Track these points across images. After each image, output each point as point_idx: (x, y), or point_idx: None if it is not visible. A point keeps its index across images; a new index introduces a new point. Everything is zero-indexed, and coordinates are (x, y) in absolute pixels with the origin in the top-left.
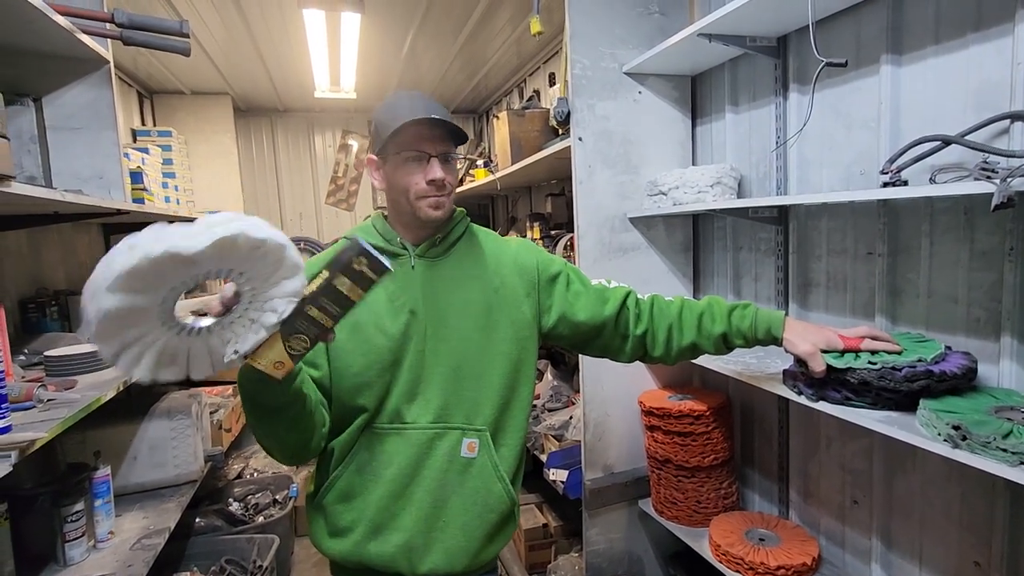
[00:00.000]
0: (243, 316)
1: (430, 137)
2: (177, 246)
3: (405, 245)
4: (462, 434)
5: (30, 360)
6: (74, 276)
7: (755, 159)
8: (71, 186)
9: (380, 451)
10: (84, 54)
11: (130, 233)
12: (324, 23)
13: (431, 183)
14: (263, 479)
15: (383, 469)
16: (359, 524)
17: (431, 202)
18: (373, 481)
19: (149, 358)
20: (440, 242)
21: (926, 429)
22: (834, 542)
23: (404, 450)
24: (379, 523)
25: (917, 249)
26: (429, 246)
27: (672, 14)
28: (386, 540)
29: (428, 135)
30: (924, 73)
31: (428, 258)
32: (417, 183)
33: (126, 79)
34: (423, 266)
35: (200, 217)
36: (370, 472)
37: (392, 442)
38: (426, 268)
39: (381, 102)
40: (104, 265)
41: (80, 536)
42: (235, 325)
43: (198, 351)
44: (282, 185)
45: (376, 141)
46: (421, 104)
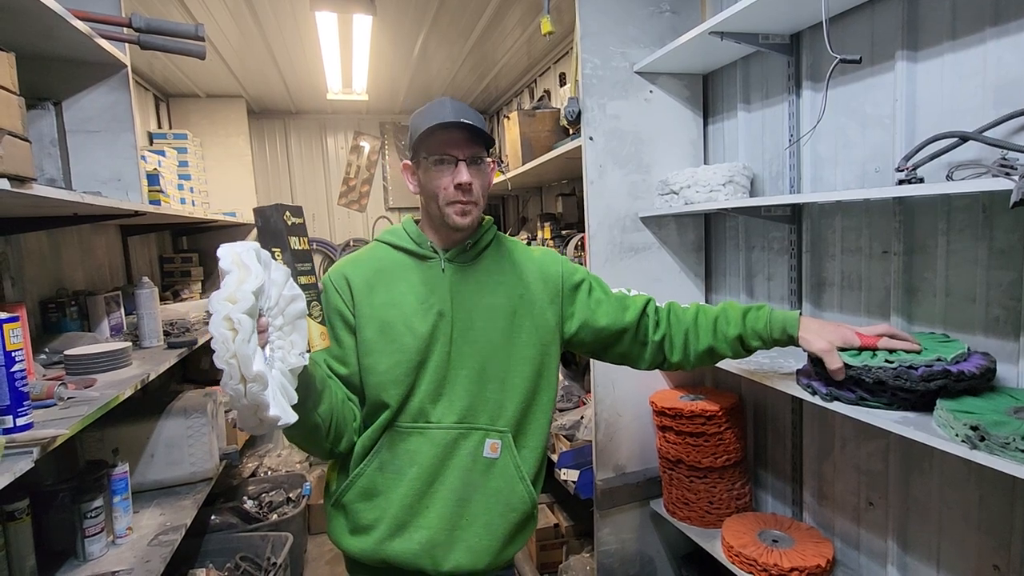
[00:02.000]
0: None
1: (457, 141)
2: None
3: (436, 249)
4: (485, 435)
5: (50, 359)
6: (93, 276)
7: (768, 157)
8: (90, 188)
9: (403, 450)
10: (102, 58)
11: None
12: (336, 25)
13: (458, 187)
14: (277, 477)
15: (406, 468)
16: (381, 522)
17: (458, 209)
18: (395, 479)
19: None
20: (470, 248)
21: (943, 430)
22: (849, 544)
23: (427, 449)
24: (402, 521)
25: (934, 247)
26: (459, 251)
27: (683, 12)
28: (409, 538)
29: (455, 139)
30: (940, 69)
31: (457, 263)
32: (445, 187)
33: (143, 83)
34: (452, 270)
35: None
36: (392, 470)
37: (415, 441)
38: (455, 272)
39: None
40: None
41: (99, 532)
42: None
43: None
44: (295, 186)
45: (408, 147)
46: (450, 108)
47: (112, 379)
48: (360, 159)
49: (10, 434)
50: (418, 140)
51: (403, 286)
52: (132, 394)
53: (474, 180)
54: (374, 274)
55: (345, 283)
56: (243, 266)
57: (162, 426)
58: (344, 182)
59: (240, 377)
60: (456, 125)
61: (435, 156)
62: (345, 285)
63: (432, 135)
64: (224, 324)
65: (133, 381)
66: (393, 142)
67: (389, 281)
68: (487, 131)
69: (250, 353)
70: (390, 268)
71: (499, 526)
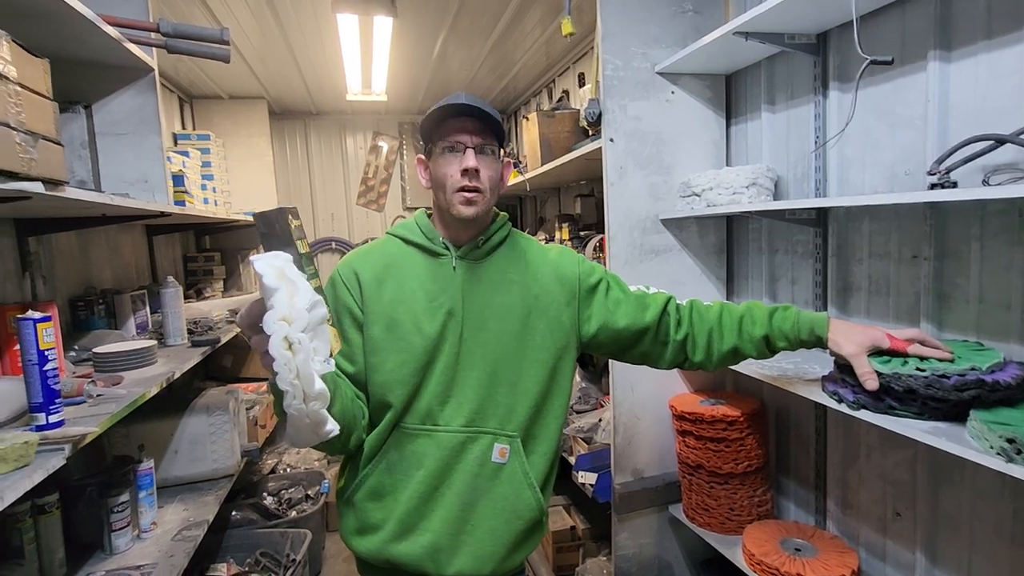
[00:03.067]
0: None
1: (467, 129)
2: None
3: (448, 245)
4: (494, 439)
5: (79, 356)
6: (120, 275)
7: (792, 159)
8: (118, 189)
9: (410, 452)
10: (131, 62)
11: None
12: (357, 27)
13: (464, 173)
14: (295, 474)
15: (413, 470)
16: (387, 523)
17: (463, 198)
18: (403, 481)
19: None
20: (482, 244)
21: (977, 441)
22: (875, 555)
23: (434, 452)
24: (408, 523)
25: (967, 253)
26: (471, 248)
27: (706, 12)
28: (414, 540)
29: (464, 127)
30: (975, 69)
31: (469, 260)
32: (452, 175)
33: (168, 85)
34: (464, 268)
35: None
36: (400, 472)
37: (422, 443)
38: (467, 270)
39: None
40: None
41: (125, 526)
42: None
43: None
44: (315, 186)
45: (422, 141)
46: (463, 98)
47: (138, 377)
48: (378, 159)
49: (43, 431)
50: (429, 129)
51: (413, 283)
52: (157, 392)
53: (482, 169)
54: (384, 268)
55: (354, 277)
56: (289, 281)
57: (185, 423)
58: (363, 182)
59: (303, 396)
60: (466, 112)
61: (444, 144)
62: (354, 279)
63: (442, 123)
64: (283, 345)
65: (159, 379)
66: (411, 142)
67: (399, 277)
68: (499, 121)
69: (311, 372)
70: (400, 263)
71: (504, 533)
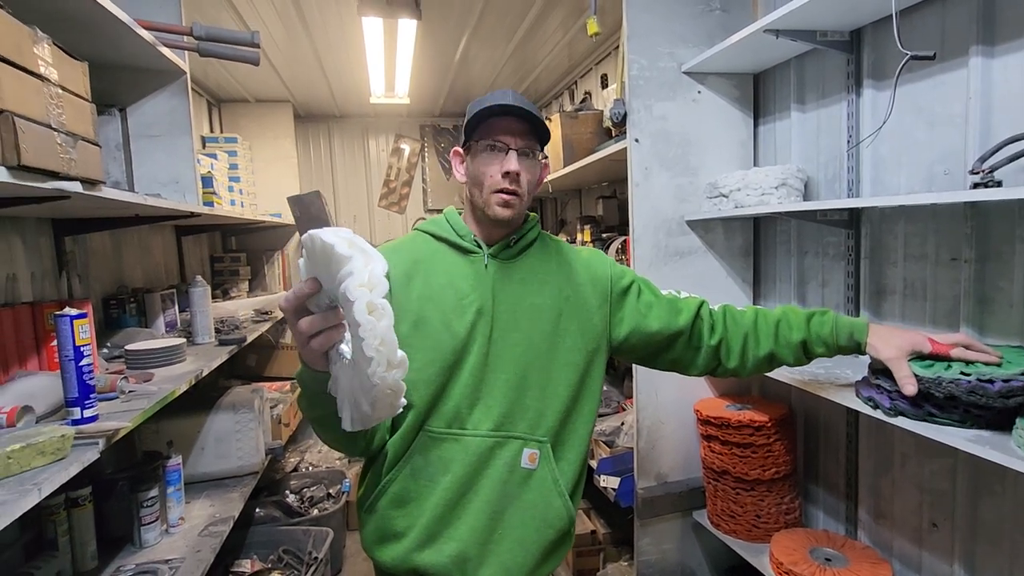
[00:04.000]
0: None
1: (512, 130)
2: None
3: (479, 243)
4: (523, 444)
5: (112, 353)
6: (150, 275)
7: (823, 159)
8: (150, 190)
9: (436, 457)
10: (164, 66)
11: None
12: (381, 30)
13: (506, 175)
14: (318, 473)
15: (439, 475)
16: (412, 531)
17: (501, 199)
18: (428, 487)
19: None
20: (514, 244)
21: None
22: (909, 567)
23: (461, 457)
24: (433, 531)
25: (1010, 255)
26: (503, 247)
27: (734, 11)
28: (439, 549)
29: (510, 127)
30: (1020, 64)
31: (501, 259)
32: (492, 175)
33: (197, 89)
34: (495, 266)
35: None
36: (425, 478)
37: (449, 448)
38: (498, 269)
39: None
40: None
41: (154, 520)
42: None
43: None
44: (338, 188)
45: (463, 133)
46: (511, 97)
47: (168, 374)
48: (400, 161)
49: (78, 425)
50: (471, 124)
51: (442, 279)
52: (186, 389)
53: (523, 172)
54: (412, 264)
55: None
56: (362, 250)
57: (212, 420)
58: (384, 184)
59: (387, 364)
60: (513, 113)
61: (487, 142)
62: None
63: (487, 121)
64: (367, 310)
65: (187, 376)
66: (432, 144)
67: (427, 273)
68: (545, 125)
69: (394, 338)
70: (429, 259)
71: (533, 542)
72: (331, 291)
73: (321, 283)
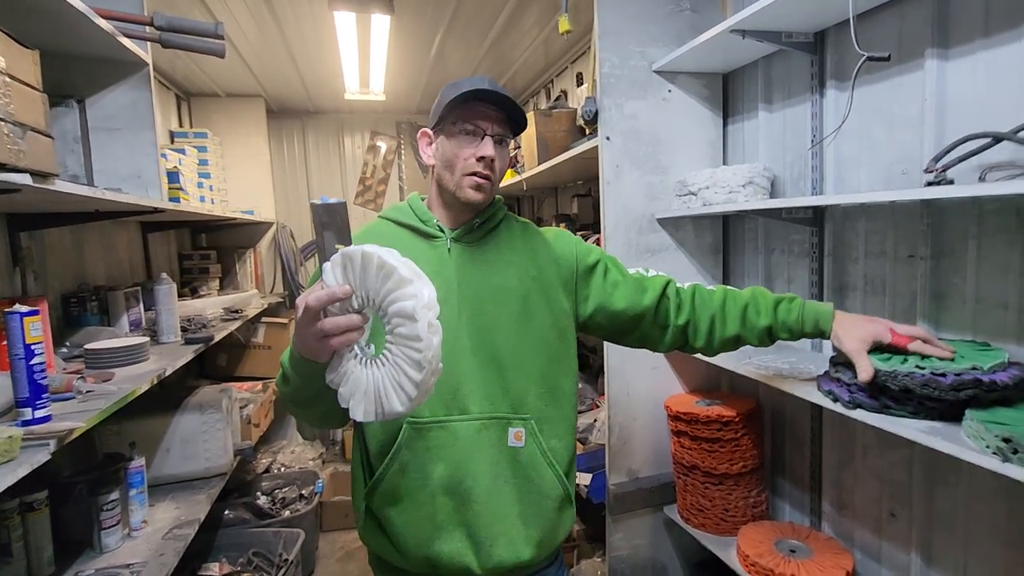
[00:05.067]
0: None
1: (488, 116)
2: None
3: (442, 228)
4: (507, 423)
5: (71, 352)
6: (114, 272)
7: (789, 159)
8: (111, 185)
9: (424, 448)
10: (125, 57)
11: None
12: (355, 25)
13: (480, 160)
14: (290, 474)
15: (430, 466)
16: (414, 525)
17: (473, 182)
18: (421, 479)
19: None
20: (478, 227)
21: (973, 441)
22: (870, 556)
23: (450, 444)
24: (438, 521)
25: (963, 252)
26: (466, 231)
27: (703, 11)
28: (448, 537)
29: (487, 114)
30: (973, 67)
31: (464, 243)
32: (467, 158)
33: (165, 82)
34: (459, 250)
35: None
36: (415, 470)
37: (436, 437)
38: (461, 253)
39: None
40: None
41: (115, 524)
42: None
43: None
44: (312, 185)
45: (434, 114)
46: (488, 83)
47: (130, 373)
48: (376, 159)
49: (28, 426)
50: (448, 106)
51: None
52: (149, 389)
53: (497, 158)
54: None
55: None
56: (418, 274)
57: (178, 421)
58: (360, 181)
59: (433, 372)
60: (491, 99)
61: (463, 125)
62: None
63: (465, 104)
64: (430, 330)
65: (150, 376)
66: (409, 142)
67: None
68: (523, 113)
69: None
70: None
71: (535, 515)
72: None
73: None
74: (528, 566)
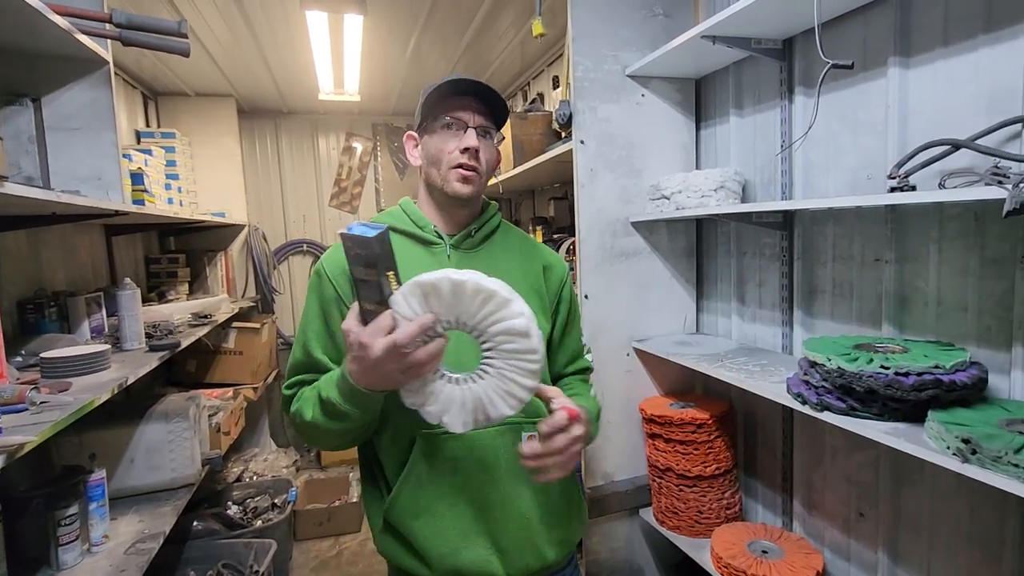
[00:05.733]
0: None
1: (469, 108)
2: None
3: (440, 235)
4: (521, 428)
5: (27, 361)
6: (75, 277)
7: (760, 163)
8: (69, 187)
9: (440, 460)
10: (83, 54)
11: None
12: (327, 25)
13: (465, 151)
14: (262, 483)
15: (447, 477)
16: (439, 537)
17: (460, 175)
18: (440, 492)
19: None
20: (475, 233)
21: (935, 442)
22: (839, 555)
23: (466, 454)
24: (462, 531)
25: (925, 256)
26: (464, 237)
27: (677, 16)
28: (474, 546)
29: (468, 105)
30: (933, 76)
31: (463, 249)
32: (451, 152)
33: (130, 81)
34: (458, 257)
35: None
36: (433, 483)
37: (452, 448)
38: (461, 260)
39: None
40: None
41: (74, 540)
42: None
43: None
44: (286, 187)
45: (417, 115)
46: (468, 77)
47: (89, 383)
48: (352, 160)
49: None
50: (429, 103)
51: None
52: (113, 398)
53: (482, 151)
54: None
55: (342, 273)
56: (513, 291)
57: (143, 431)
58: (336, 183)
59: (540, 377)
60: (471, 91)
61: (444, 120)
62: (342, 275)
63: (444, 99)
64: (542, 346)
65: (110, 385)
66: (386, 144)
67: None
68: (504, 104)
69: None
70: None
71: (554, 516)
72: (462, 324)
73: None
74: (552, 567)
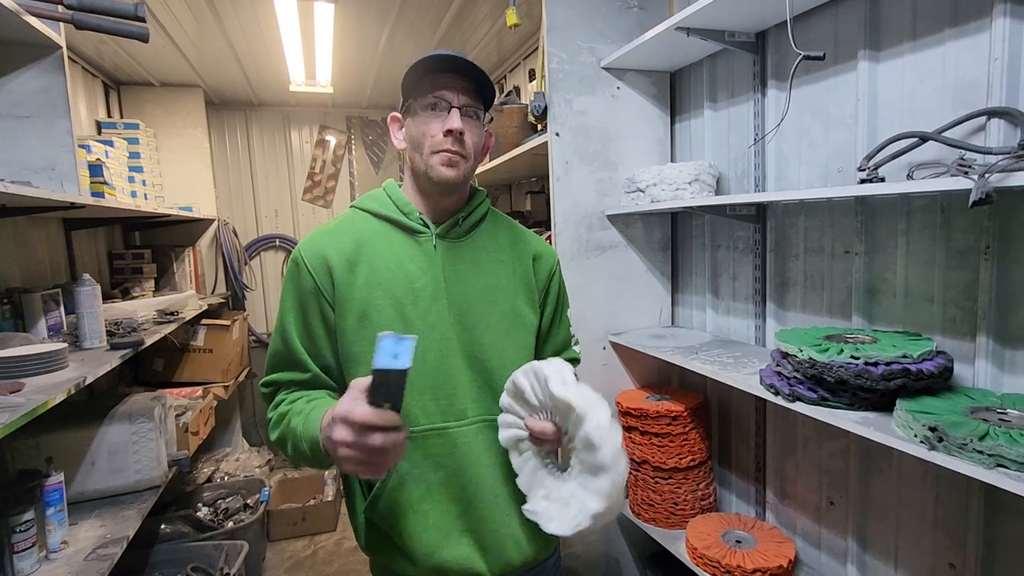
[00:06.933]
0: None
1: (454, 87)
2: None
3: (427, 223)
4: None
5: None
6: (31, 273)
7: (733, 156)
8: (20, 178)
9: (422, 457)
10: (33, 38)
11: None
12: (296, 13)
13: (448, 134)
14: (234, 483)
15: (430, 475)
16: (421, 534)
17: (444, 158)
18: (422, 490)
19: None
20: (462, 221)
21: (902, 430)
22: (811, 543)
23: (448, 451)
24: (444, 529)
25: (894, 248)
26: (451, 225)
27: (651, 8)
28: (457, 543)
29: (451, 84)
30: (901, 69)
31: (450, 239)
32: (434, 134)
33: (90, 69)
34: (444, 247)
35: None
36: (414, 480)
37: (434, 444)
38: (448, 250)
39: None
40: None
41: (30, 547)
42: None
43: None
44: (257, 181)
45: (401, 96)
46: (451, 54)
47: (44, 383)
48: (325, 154)
49: None
50: (411, 82)
51: (390, 263)
52: (73, 398)
53: (467, 132)
54: (355, 249)
55: (323, 262)
56: (595, 398)
57: (104, 432)
58: (309, 177)
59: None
60: (453, 68)
61: (427, 99)
62: (322, 265)
63: (425, 77)
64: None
65: (67, 385)
66: (360, 137)
67: (372, 257)
68: (490, 81)
69: None
70: (372, 241)
71: None
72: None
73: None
74: (535, 562)
